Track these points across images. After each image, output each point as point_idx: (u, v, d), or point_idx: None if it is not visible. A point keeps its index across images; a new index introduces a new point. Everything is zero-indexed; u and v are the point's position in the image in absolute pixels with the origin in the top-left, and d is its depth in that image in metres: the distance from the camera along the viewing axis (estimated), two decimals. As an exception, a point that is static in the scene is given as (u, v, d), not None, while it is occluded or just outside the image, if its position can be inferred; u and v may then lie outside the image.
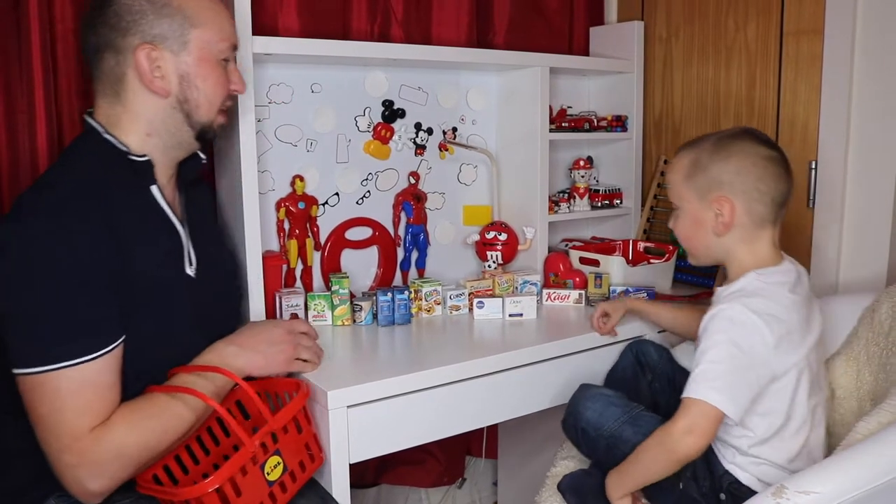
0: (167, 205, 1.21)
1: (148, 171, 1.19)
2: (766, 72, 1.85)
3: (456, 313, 1.73)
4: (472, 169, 1.97)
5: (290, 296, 1.61)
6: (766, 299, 1.21)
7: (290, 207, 1.70)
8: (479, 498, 2.29)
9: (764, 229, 1.28)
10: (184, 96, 1.19)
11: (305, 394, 1.19)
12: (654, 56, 2.12)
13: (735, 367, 1.17)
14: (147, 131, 1.18)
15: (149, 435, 1.07)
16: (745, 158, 1.26)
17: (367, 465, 2.07)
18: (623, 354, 1.54)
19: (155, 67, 1.15)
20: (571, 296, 1.78)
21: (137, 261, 1.11)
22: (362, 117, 1.79)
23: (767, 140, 1.30)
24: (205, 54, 1.19)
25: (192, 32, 1.17)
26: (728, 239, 1.28)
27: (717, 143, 1.29)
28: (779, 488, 0.97)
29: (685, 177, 1.31)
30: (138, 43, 1.13)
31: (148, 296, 1.12)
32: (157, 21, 1.14)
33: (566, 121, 2.04)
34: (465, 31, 1.93)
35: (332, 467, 1.26)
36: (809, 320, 1.27)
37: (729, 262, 1.31)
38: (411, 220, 1.87)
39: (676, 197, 1.34)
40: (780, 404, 1.21)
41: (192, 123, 1.21)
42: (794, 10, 1.78)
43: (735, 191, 1.26)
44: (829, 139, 1.72)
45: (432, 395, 1.35)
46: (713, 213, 1.27)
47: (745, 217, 1.26)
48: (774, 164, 1.27)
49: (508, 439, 2.19)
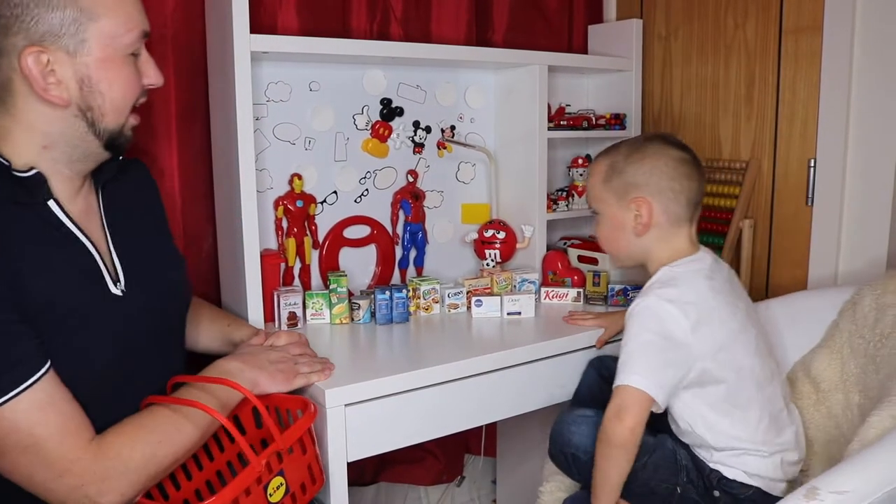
0: (71, 221, 1.04)
1: (39, 187, 1.00)
2: (766, 69, 1.85)
3: (454, 312, 1.73)
4: (471, 167, 1.97)
5: (289, 294, 1.60)
6: (678, 287, 1.27)
7: (289, 206, 1.69)
8: (478, 496, 2.29)
9: (680, 227, 1.34)
10: (86, 104, 1.00)
11: (313, 414, 1.15)
12: (653, 54, 2.11)
13: (652, 351, 1.23)
14: (43, 143, 1.00)
15: (154, 447, 1.00)
16: (658, 160, 1.33)
17: (365, 464, 2.07)
18: (585, 373, 1.54)
19: (48, 73, 0.96)
20: (570, 294, 1.78)
21: (37, 288, 0.96)
22: (361, 115, 1.79)
23: (679, 143, 1.38)
24: (109, 52, 0.99)
25: (90, 27, 0.97)
26: (647, 239, 1.34)
27: (630, 147, 1.37)
28: (811, 489, 0.96)
29: (603, 181, 1.37)
30: (24, 44, 0.94)
31: (57, 322, 0.98)
32: (44, 14, 0.94)
33: (565, 119, 2.03)
34: (464, 30, 1.93)
35: (330, 466, 1.25)
36: (735, 300, 1.32)
37: (649, 262, 1.37)
38: (409, 219, 1.87)
39: (596, 201, 1.40)
40: (721, 382, 1.25)
41: (97, 133, 1.03)
42: (794, 8, 1.78)
43: (651, 191, 1.32)
44: (828, 137, 1.72)
45: (431, 393, 1.35)
46: (632, 215, 1.34)
47: (662, 216, 1.33)
48: (686, 165, 1.34)
49: (507, 437, 2.19)
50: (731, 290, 1.34)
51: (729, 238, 1.88)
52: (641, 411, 1.21)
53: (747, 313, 1.34)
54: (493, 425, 2.20)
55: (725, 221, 1.90)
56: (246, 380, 1.16)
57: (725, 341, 1.26)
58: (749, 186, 1.88)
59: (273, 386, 1.21)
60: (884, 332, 1.35)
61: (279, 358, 1.26)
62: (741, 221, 1.87)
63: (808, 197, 1.78)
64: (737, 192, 1.89)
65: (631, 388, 1.21)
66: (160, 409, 1.06)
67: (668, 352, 1.23)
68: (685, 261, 1.33)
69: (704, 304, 1.26)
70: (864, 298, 1.42)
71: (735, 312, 1.30)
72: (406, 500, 2.21)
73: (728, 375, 1.25)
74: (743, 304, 1.35)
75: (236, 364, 1.20)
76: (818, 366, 1.44)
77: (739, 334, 1.29)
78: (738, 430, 1.26)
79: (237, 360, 1.21)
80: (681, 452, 1.30)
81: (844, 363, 1.42)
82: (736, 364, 1.26)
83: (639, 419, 1.21)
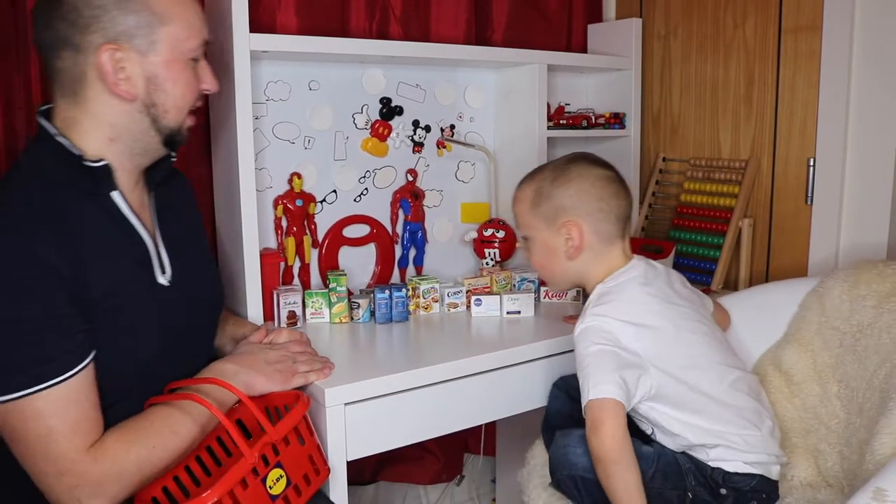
0: (131, 212, 1.12)
1: (106, 177, 1.09)
2: (765, 69, 1.85)
3: (454, 311, 1.73)
4: (470, 166, 1.97)
5: (288, 293, 1.61)
6: (612, 300, 1.28)
7: (288, 205, 1.69)
8: (477, 495, 2.30)
9: (612, 244, 1.34)
10: (151, 100, 1.08)
11: (305, 404, 1.15)
12: (653, 53, 2.12)
13: (604, 359, 1.22)
14: (110, 136, 1.08)
15: (149, 451, 1.03)
16: (584, 181, 1.32)
17: (365, 463, 2.07)
18: (552, 397, 1.48)
19: (119, 69, 1.04)
20: (569, 293, 1.78)
21: (97, 276, 1.02)
22: (360, 115, 1.79)
23: (602, 161, 1.37)
24: (174, 55, 1.08)
25: (160, 30, 1.06)
26: (580, 261, 1.34)
27: (554, 170, 1.36)
28: (877, 491, 0.95)
29: (531, 206, 1.36)
30: (101, 42, 1.02)
31: (114, 311, 1.04)
32: (121, 17, 1.03)
33: (564, 118, 2.04)
34: (464, 29, 1.93)
35: (330, 465, 1.25)
36: (677, 302, 1.32)
37: (585, 283, 1.38)
38: (409, 218, 1.87)
39: (525, 227, 1.39)
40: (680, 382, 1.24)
41: (159, 128, 1.11)
42: (793, 7, 1.78)
43: (580, 213, 1.32)
44: (828, 136, 1.72)
45: (430, 392, 1.35)
46: (563, 239, 1.33)
47: (593, 237, 1.32)
48: (612, 184, 1.34)
49: (507, 436, 2.19)
50: (672, 292, 1.33)
51: (728, 237, 1.88)
52: (614, 418, 1.18)
53: (696, 313, 1.33)
54: (493, 424, 2.20)
55: (725, 220, 1.91)
56: (240, 382, 1.16)
57: (670, 343, 1.26)
58: (748, 185, 1.88)
59: (270, 386, 1.20)
60: (862, 323, 1.37)
61: (277, 357, 1.26)
62: (741, 220, 1.87)
63: (807, 196, 1.78)
64: (736, 191, 1.89)
65: (595, 401, 1.19)
66: (159, 410, 1.07)
67: (619, 356, 1.22)
68: (616, 274, 1.33)
69: (641, 309, 1.27)
70: (833, 290, 1.43)
71: (677, 315, 1.29)
72: (405, 500, 2.21)
73: (683, 375, 1.24)
74: (689, 306, 1.33)
75: (231, 366, 1.19)
76: (788, 359, 1.45)
77: (687, 335, 1.28)
78: (714, 424, 1.25)
79: (232, 363, 1.20)
80: (681, 458, 1.28)
81: (816, 355, 1.43)
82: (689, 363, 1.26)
83: (615, 426, 1.18)
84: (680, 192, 2.06)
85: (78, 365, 0.99)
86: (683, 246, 1.99)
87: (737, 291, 1.60)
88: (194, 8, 1.12)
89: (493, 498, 2.31)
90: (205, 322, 1.28)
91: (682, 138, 2.08)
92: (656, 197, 2.13)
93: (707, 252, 1.93)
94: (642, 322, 1.25)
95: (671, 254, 1.91)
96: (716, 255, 1.90)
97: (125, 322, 1.06)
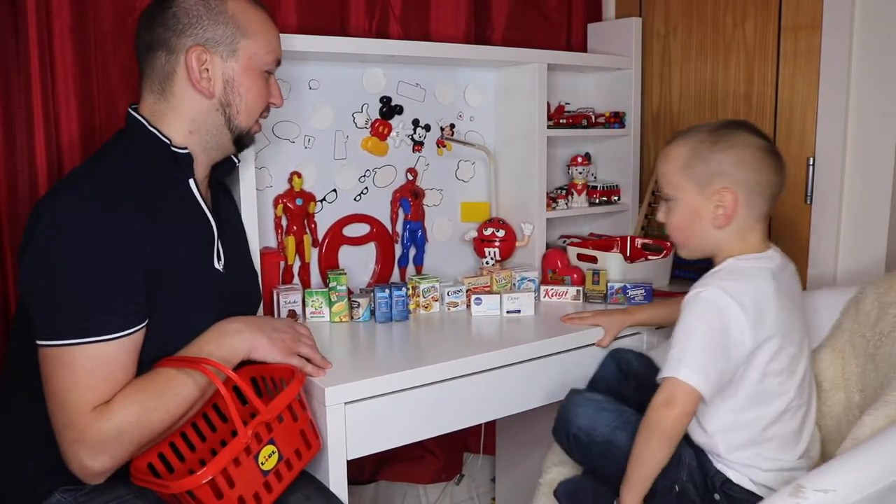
0: (202, 199, 1.26)
1: (189, 164, 1.23)
2: (764, 68, 1.85)
3: (454, 310, 1.73)
4: (470, 165, 1.97)
5: (288, 292, 1.61)
6: (743, 282, 1.22)
7: (288, 204, 1.70)
8: (476, 494, 2.30)
9: (758, 222, 1.27)
10: (226, 100, 1.23)
11: (300, 380, 1.17)
12: (652, 52, 2.12)
13: (706, 345, 1.18)
14: (190, 129, 1.22)
15: (150, 414, 1.08)
16: (745, 149, 1.24)
17: (364, 462, 2.07)
18: (604, 364, 1.51)
19: (203, 69, 1.20)
20: (569, 292, 1.78)
21: (171, 252, 1.14)
22: (360, 114, 1.79)
23: (763, 133, 1.30)
24: (251, 64, 1.24)
25: (241, 42, 1.22)
26: (724, 232, 1.27)
27: (714, 132, 1.27)
28: (796, 487, 0.96)
29: (683, 167, 1.28)
30: (191, 44, 1.19)
31: (176, 286, 1.15)
32: (211, 26, 1.19)
33: (564, 117, 2.04)
34: (463, 28, 1.93)
35: (329, 464, 1.26)
36: (793, 305, 1.27)
37: (718, 254, 1.30)
38: (409, 217, 1.87)
39: (672, 187, 1.30)
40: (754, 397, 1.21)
41: (231, 127, 1.25)
42: (792, 6, 1.78)
43: (738, 181, 1.24)
44: (827, 135, 1.72)
45: (430, 391, 1.35)
46: (713, 205, 1.25)
47: (745, 209, 1.25)
48: (772, 157, 1.26)
49: (506, 436, 2.19)
50: (792, 292, 1.29)
51: (728, 236, 1.88)
52: (689, 404, 1.18)
53: (800, 318, 1.29)
54: (493, 423, 2.20)
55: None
56: (244, 342, 1.21)
57: (779, 346, 1.21)
58: (748, 185, 1.88)
59: (270, 354, 1.23)
60: (883, 330, 1.34)
61: (284, 328, 1.29)
62: (740, 220, 1.87)
63: (807, 195, 1.78)
64: (736, 190, 1.89)
65: (681, 383, 1.17)
66: (165, 373, 1.12)
67: (722, 346, 1.18)
68: (754, 256, 1.26)
69: (766, 304, 1.21)
70: (867, 297, 1.41)
71: (792, 318, 1.25)
72: (405, 499, 2.21)
73: (770, 384, 1.21)
74: (798, 309, 1.30)
75: (236, 325, 1.22)
76: (820, 365, 1.43)
77: (795, 341, 1.25)
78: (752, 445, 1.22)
79: (238, 322, 1.23)
80: (686, 451, 1.27)
81: (846, 362, 1.41)
82: (783, 369, 1.22)
83: (686, 411, 1.18)
84: (680, 191, 2.05)
85: (125, 330, 1.07)
86: (683, 245, 1.99)
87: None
88: (273, 29, 1.28)
89: (492, 497, 2.31)
90: (248, 309, 1.38)
91: (682, 137, 2.07)
92: (656, 196, 2.13)
93: (707, 251, 1.93)
94: (761, 316, 1.19)
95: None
96: (715, 255, 1.90)
97: (185, 296, 1.17)
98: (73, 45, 1.45)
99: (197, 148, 1.24)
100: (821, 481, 0.96)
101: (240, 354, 1.20)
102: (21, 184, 1.43)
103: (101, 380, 1.05)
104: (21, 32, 1.40)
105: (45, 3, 1.41)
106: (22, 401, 1.14)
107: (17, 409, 1.17)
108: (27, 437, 1.14)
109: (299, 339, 1.30)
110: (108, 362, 1.06)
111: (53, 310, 1.05)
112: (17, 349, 1.19)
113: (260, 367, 1.25)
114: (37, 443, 1.11)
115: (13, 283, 1.42)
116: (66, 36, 1.44)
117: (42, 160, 1.43)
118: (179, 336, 1.17)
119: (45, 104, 1.42)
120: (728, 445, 1.24)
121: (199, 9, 1.19)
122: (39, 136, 1.42)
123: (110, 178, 1.13)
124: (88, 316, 1.05)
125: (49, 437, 1.07)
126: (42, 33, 1.41)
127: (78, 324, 1.04)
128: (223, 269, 1.27)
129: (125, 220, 1.08)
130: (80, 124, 1.47)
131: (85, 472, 1.05)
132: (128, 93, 1.51)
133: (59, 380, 1.04)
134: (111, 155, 1.19)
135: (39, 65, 1.41)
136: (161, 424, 1.10)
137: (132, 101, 1.26)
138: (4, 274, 1.43)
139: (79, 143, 1.47)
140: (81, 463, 1.04)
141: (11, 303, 1.43)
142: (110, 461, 1.05)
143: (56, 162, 1.45)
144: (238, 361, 1.20)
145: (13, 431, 1.17)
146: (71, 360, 1.04)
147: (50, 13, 1.42)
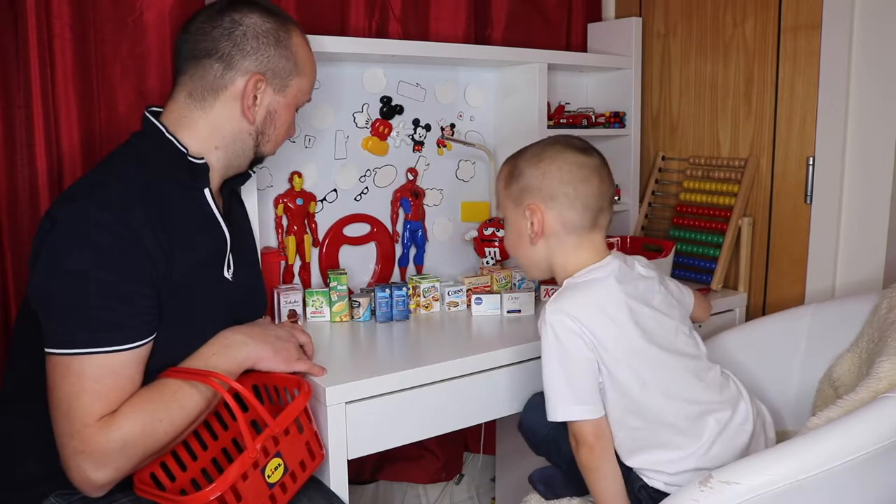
0: (216, 209, 1.24)
1: (205, 174, 1.22)
2: (764, 68, 1.85)
3: (454, 310, 1.73)
4: (471, 165, 1.98)
5: (289, 292, 1.61)
6: (576, 298, 1.21)
7: (288, 204, 1.70)
8: (476, 494, 2.30)
9: (580, 235, 1.25)
10: (262, 129, 1.25)
11: (308, 393, 1.16)
12: (652, 52, 2.12)
13: (565, 374, 1.20)
14: (217, 144, 1.22)
15: (156, 426, 1.06)
16: (552, 163, 1.24)
17: (365, 462, 2.07)
18: None
19: (253, 96, 1.21)
20: (569, 292, 1.78)
21: (183, 262, 1.13)
22: (360, 114, 1.79)
23: (583, 146, 1.28)
24: (294, 101, 1.27)
25: (294, 79, 1.25)
26: (543, 249, 1.27)
27: (532, 149, 1.29)
28: (706, 477, 0.98)
29: (504, 186, 1.30)
30: (254, 70, 1.20)
31: (186, 296, 1.14)
32: (275, 57, 1.21)
33: (564, 117, 2.04)
34: (463, 28, 1.93)
35: (330, 464, 1.26)
36: (659, 316, 1.24)
37: (555, 273, 1.29)
38: (409, 217, 1.87)
39: (500, 206, 1.33)
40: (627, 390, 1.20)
41: (256, 152, 1.28)
42: (792, 6, 1.78)
43: (543, 196, 1.24)
44: (827, 135, 1.73)
45: (430, 391, 1.35)
46: (528, 222, 1.26)
47: (557, 225, 1.24)
48: (581, 169, 1.24)
49: (506, 435, 2.19)
50: (648, 292, 1.26)
51: (728, 236, 1.88)
52: (590, 435, 1.19)
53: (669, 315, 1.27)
54: (493, 423, 2.20)
55: (724, 219, 1.91)
56: (249, 354, 1.20)
57: (637, 350, 1.20)
58: (748, 184, 1.89)
59: (275, 364, 1.23)
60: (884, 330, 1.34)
61: (287, 336, 1.29)
62: (740, 219, 1.88)
63: (806, 195, 1.78)
64: (736, 189, 1.90)
65: (570, 423, 1.20)
66: (170, 384, 1.10)
67: (578, 364, 1.19)
68: (588, 270, 1.25)
69: (611, 311, 1.20)
70: (884, 302, 1.41)
71: (647, 315, 1.23)
72: (405, 498, 2.21)
73: (632, 389, 1.20)
74: (664, 308, 1.27)
75: (240, 337, 1.21)
76: (839, 370, 1.43)
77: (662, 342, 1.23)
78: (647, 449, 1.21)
79: (242, 333, 1.22)
80: None
81: (861, 367, 1.40)
82: (648, 372, 1.20)
83: (592, 443, 1.19)
84: (679, 191, 2.06)
85: (136, 341, 1.06)
86: (683, 245, 1.99)
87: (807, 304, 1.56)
88: (316, 69, 1.32)
89: (492, 497, 2.31)
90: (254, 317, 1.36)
91: (682, 137, 2.08)
92: (656, 196, 2.14)
93: (707, 251, 1.94)
94: (602, 325, 1.19)
95: (671, 253, 1.91)
96: (715, 255, 1.90)
97: (194, 305, 1.16)
98: (73, 45, 1.45)
99: (217, 163, 1.24)
100: (731, 473, 0.97)
101: (244, 366, 1.19)
102: (21, 184, 1.43)
103: (108, 390, 1.04)
104: (21, 32, 1.40)
105: (45, 3, 1.41)
106: (20, 404, 1.14)
107: (14, 413, 1.16)
108: (23, 441, 1.13)
109: (299, 349, 1.30)
110: (116, 373, 1.05)
111: (65, 318, 1.04)
112: (18, 352, 1.18)
113: (262, 376, 1.24)
114: (33, 447, 1.11)
115: (13, 284, 1.42)
116: (66, 36, 1.44)
117: (42, 160, 1.42)
118: (186, 345, 1.16)
119: (44, 104, 1.42)
120: (624, 452, 1.24)
121: (269, 38, 1.20)
122: (39, 136, 1.42)
123: (125, 186, 1.11)
124: (100, 326, 1.04)
125: (45, 442, 1.05)
126: (42, 33, 1.41)
127: (89, 333, 1.03)
128: (232, 279, 1.26)
129: (139, 231, 1.07)
130: (80, 124, 1.47)
131: (88, 484, 1.03)
132: (128, 93, 1.51)
133: (66, 388, 1.03)
134: (126, 160, 1.17)
135: (39, 65, 1.41)
136: (166, 437, 1.08)
137: (148, 105, 1.26)
138: (4, 274, 1.43)
139: (78, 143, 1.47)
140: (85, 475, 1.02)
141: (11, 303, 1.43)
142: (114, 473, 1.04)
143: (56, 162, 1.45)
144: (241, 372, 1.19)
145: (9, 435, 1.16)
146: (80, 369, 1.03)
147: (50, 13, 1.42)
